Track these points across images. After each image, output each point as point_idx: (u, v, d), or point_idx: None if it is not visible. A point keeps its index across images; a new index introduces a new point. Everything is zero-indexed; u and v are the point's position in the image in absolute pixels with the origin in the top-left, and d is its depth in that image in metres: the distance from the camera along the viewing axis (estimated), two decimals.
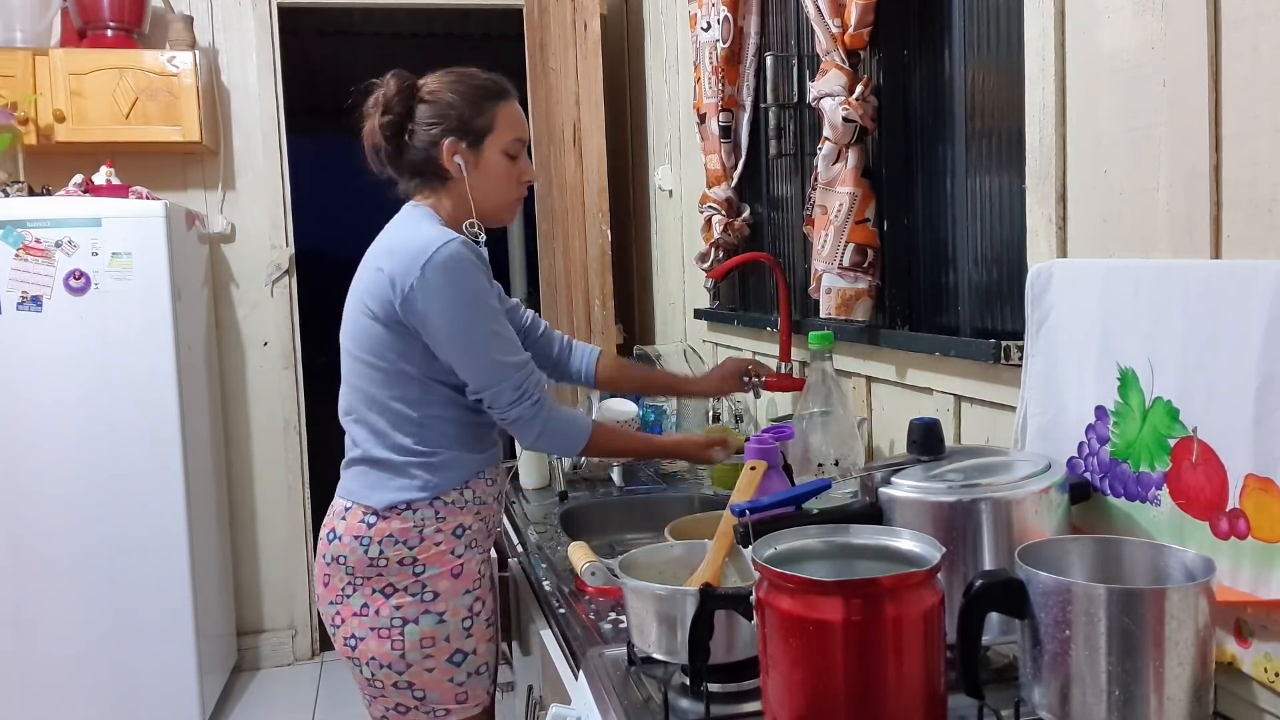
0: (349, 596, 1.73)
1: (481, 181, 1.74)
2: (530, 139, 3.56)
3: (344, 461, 1.81)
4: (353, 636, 1.74)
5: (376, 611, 1.72)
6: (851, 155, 1.83)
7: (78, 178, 3.33)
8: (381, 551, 1.70)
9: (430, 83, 1.74)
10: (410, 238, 1.67)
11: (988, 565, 1.14)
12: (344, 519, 1.74)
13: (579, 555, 1.71)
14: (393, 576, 1.71)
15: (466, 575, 1.75)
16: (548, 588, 1.72)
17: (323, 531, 1.78)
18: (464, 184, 1.73)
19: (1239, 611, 1.04)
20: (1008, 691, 1.06)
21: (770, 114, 2.28)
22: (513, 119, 1.77)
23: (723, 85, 2.45)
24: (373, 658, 1.73)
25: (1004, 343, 1.46)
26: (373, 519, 1.71)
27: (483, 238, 1.76)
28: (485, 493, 1.79)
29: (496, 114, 1.74)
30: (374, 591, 1.72)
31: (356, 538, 1.71)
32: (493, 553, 1.88)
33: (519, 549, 2.05)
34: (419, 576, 1.71)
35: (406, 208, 1.78)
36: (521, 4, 3.68)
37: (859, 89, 1.80)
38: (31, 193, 3.28)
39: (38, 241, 3.13)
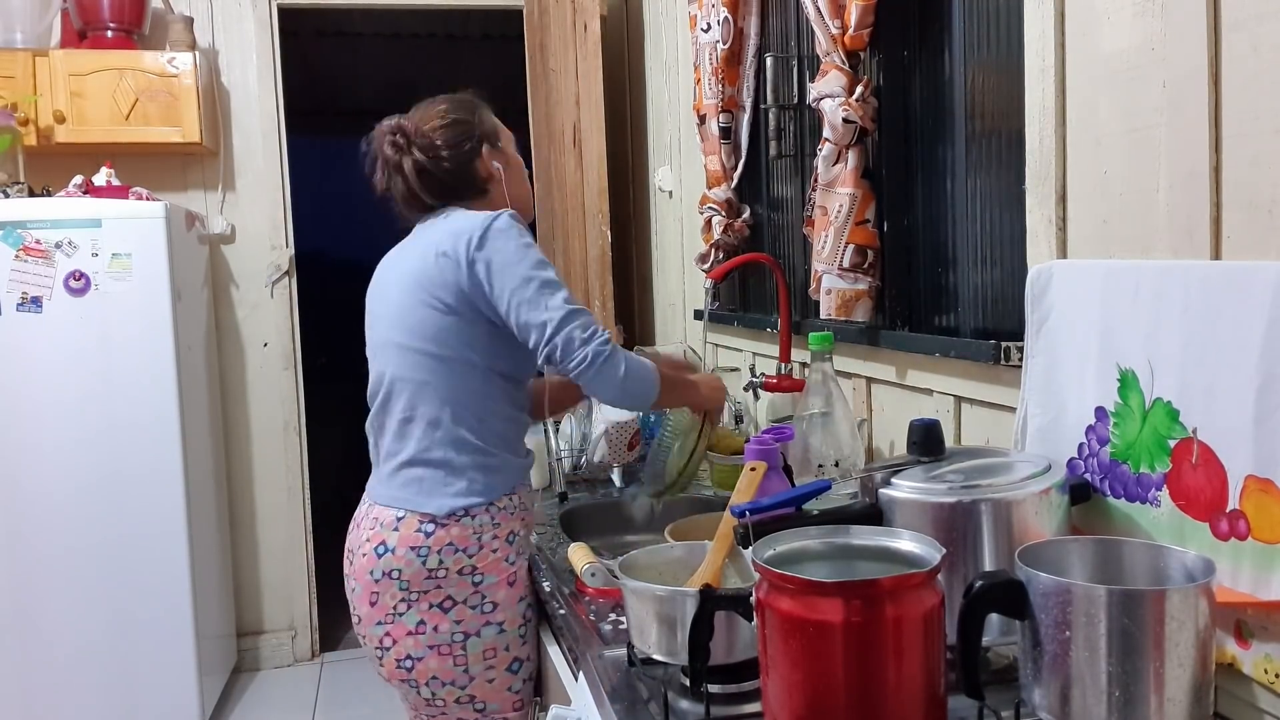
0: (402, 615, 1.67)
1: (514, 178, 1.82)
2: (531, 142, 3.58)
3: (388, 468, 1.72)
4: (408, 658, 1.68)
5: (435, 629, 1.67)
6: (851, 156, 1.83)
7: (78, 178, 3.34)
8: (441, 562, 1.66)
9: (429, 115, 1.77)
10: (465, 221, 1.68)
11: (988, 566, 1.14)
12: (396, 530, 1.67)
13: (579, 556, 1.71)
14: (451, 589, 1.67)
15: (519, 582, 1.74)
16: (548, 588, 1.72)
17: (364, 546, 1.70)
18: (502, 186, 1.79)
19: (1239, 612, 1.04)
20: (1008, 692, 1.06)
21: (770, 115, 2.28)
22: (498, 123, 1.85)
23: (723, 86, 2.45)
24: (434, 676, 1.68)
25: (1004, 343, 1.46)
26: (431, 527, 1.66)
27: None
28: (528, 499, 1.79)
29: (489, 118, 1.82)
30: (431, 607, 1.66)
31: (414, 548, 1.65)
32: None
33: None
34: (478, 587, 1.68)
35: (436, 213, 1.77)
36: (521, 5, 3.68)
37: (859, 90, 1.80)
38: (31, 193, 3.28)
39: (38, 242, 3.13)
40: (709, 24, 2.47)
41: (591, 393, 1.65)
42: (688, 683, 1.17)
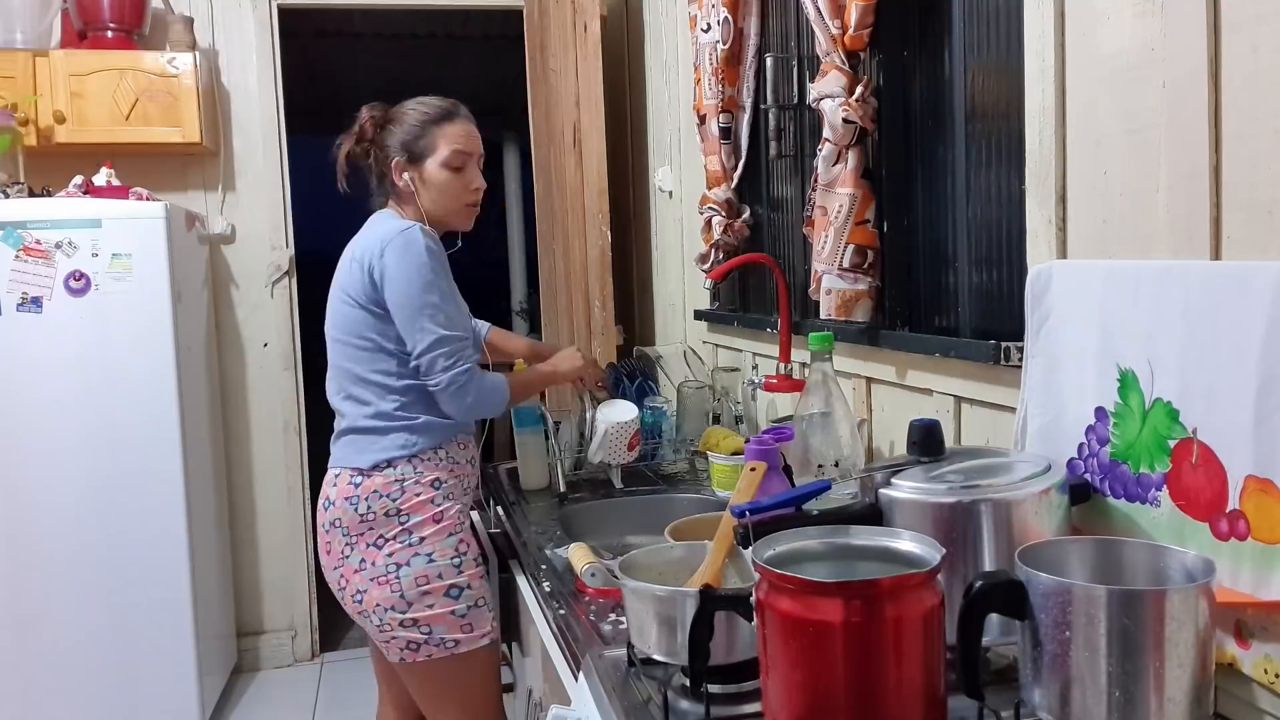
0: (347, 557, 1.94)
1: (427, 193, 2.02)
2: (531, 142, 3.58)
3: (333, 436, 2.02)
4: (358, 592, 1.93)
5: (372, 563, 1.92)
6: (851, 156, 1.83)
7: (78, 179, 3.33)
8: (370, 507, 1.92)
9: (393, 114, 2.04)
10: (376, 232, 1.95)
11: (988, 566, 1.14)
12: (335, 485, 1.96)
13: (579, 556, 1.71)
14: (381, 528, 1.92)
15: (448, 521, 1.95)
16: (548, 589, 1.72)
17: (319, 504, 1.99)
18: (416, 200, 2.01)
19: (1239, 613, 1.04)
20: (1008, 693, 1.06)
21: (770, 115, 2.28)
22: (455, 136, 2.01)
23: (723, 86, 2.45)
24: (378, 604, 1.91)
25: (1004, 344, 1.46)
26: (359, 478, 1.93)
27: (457, 244, 2.07)
28: (459, 454, 2.01)
29: (437, 135, 2.00)
30: (368, 545, 1.92)
31: (347, 498, 1.93)
32: (468, 509, 2.05)
33: (519, 550, 2.05)
34: (404, 525, 1.92)
35: (375, 214, 2.07)
36: (521, 5, 3.68)
37: (859, 90, 1.80)
38: (31, 194, 3.28)
39: (38, 242, 3.13)
40: (709, 24, 2.47)
41: (444, 409, 1.94)
42: (688, 683, 1.17)
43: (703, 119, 2.57)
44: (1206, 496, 1.07)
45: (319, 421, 4.16)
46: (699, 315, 2.95)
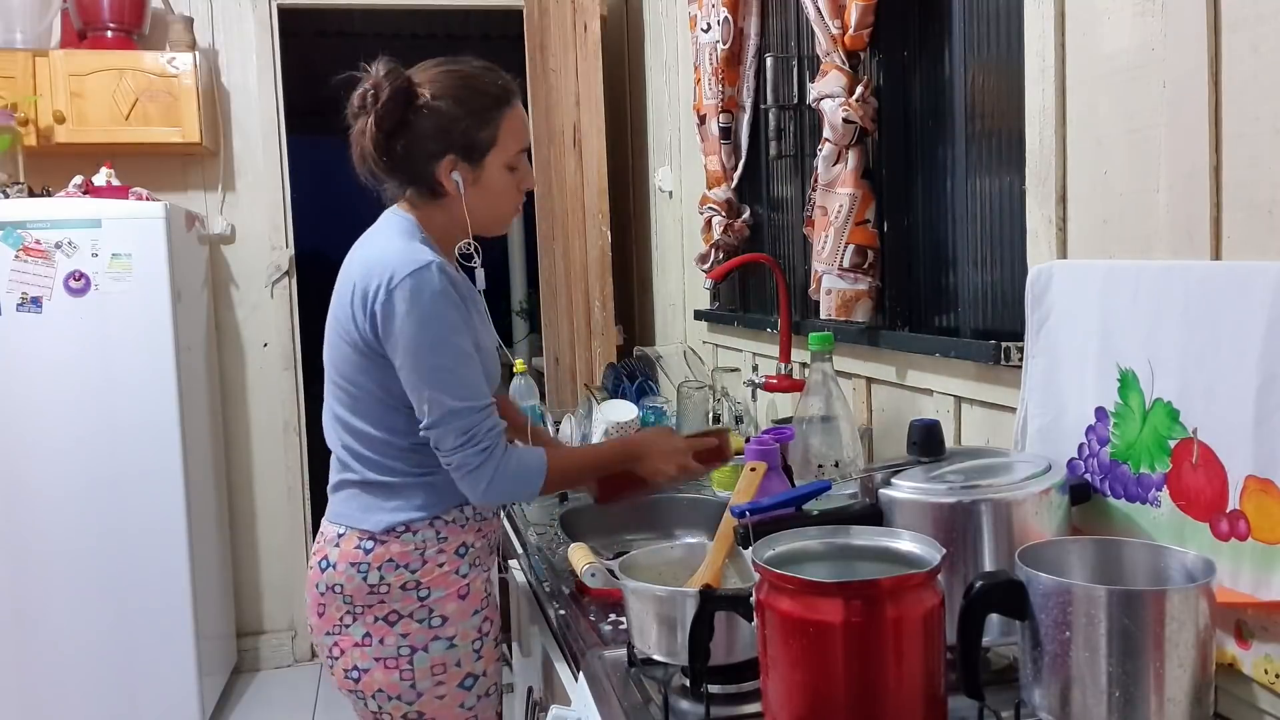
0: (348, 627, 1.63)
1: (479, 199, 1.62)
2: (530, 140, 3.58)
3: (331, 484, 1.69)
4: (355, 669, 1.64)
5: (381, 641, 1.61)
6: (851, 156, 1.83)
7: (78, 179, 3.33)
8: (382, 578, 1.60)
9: (428, 85, 1.57)
10: (383, 254, 1.56)
11: (988, 566, 1.14)
12: (337, 545, 1.62)
13: (579, 557, 1.71)
14: (395, 603, 1.60)
15: (474, 595, 1.65)
16: (548, 589, 1.72)
17: (314, 559, 1.67)
18: (460, 202, 1.60)
19: (1239, 613, 1.04)
20: (1008, 693, 1.06)
21: (770, 115, 2.28)
22: (517, 127, 1.64)
23: (723, 86, 2.45)
24: (380, 690, 1.63)
25: (1004, 344, 1.46)
26: (370, 544, 1.60)
27: (478, 260, 1.67)
28: (485, 508, 1.70)
29: (501, 124, 1.60)
30: (377, 620, 1.61)
31: (353, 564, 1.60)
32: (495, 571, 1.79)
33: (519, 550, 2.05)
34: (424, 601, 1.61)
35: (388, 215, 1.66)
36: (521, 5, 3.68)
37: (859, 90, 1.80)
38: (31, 194, 3.28)
39: (37, 242, 3.13)
40: (709, 24, 2.47)
41: (461, 490, 1.58)
42: (688, 683, 1.17)
43: (703, 119, 2.57)
44: (1207, 496, 1.07)
45: (319, 421, 4.17)
46: (699, 315, 2.95)
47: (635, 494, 1.81)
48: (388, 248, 1.57)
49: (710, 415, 2.51)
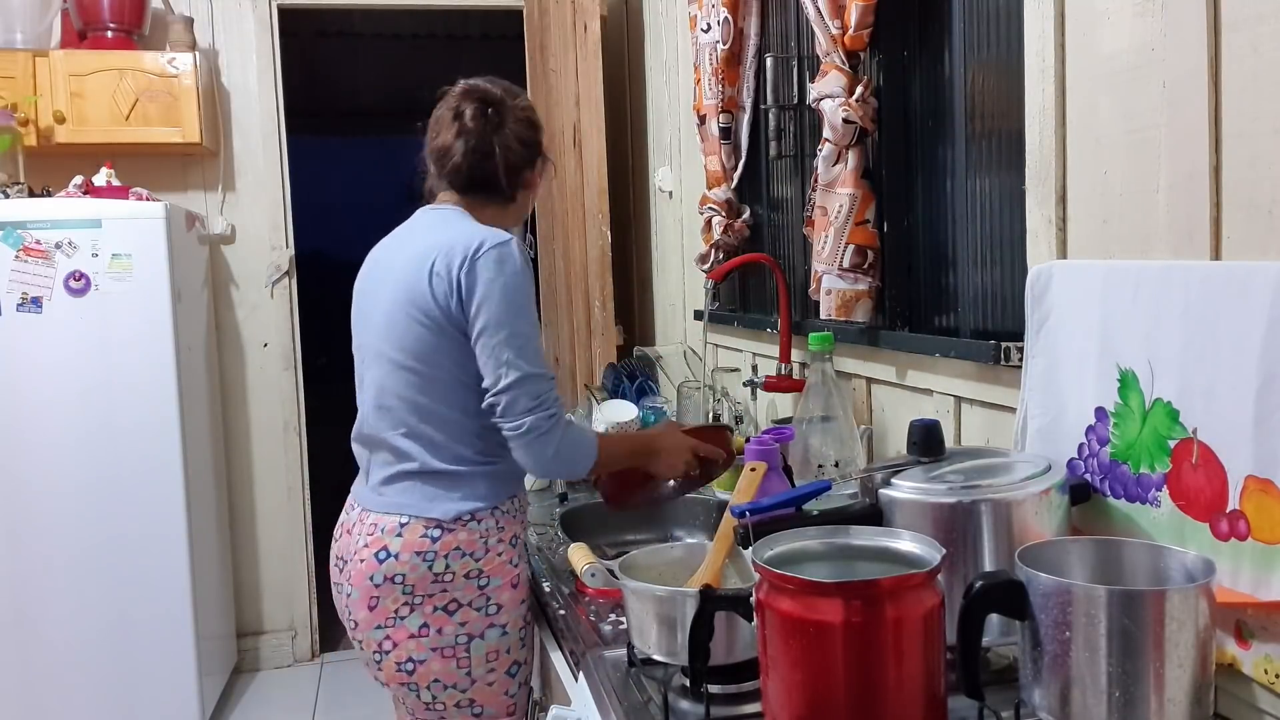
0: (404, 619, 1.64)
1: (529, 203, 1.84)
2: None
3: (380, 478, 1.70)
4: (409, 660, 1.65)
5: (439, 631, 1.64)
6: (851, 156, 1.83)
7: (78, 179, 3.33)
8: (448, 566, 1.63)
9: (519, 99, 1.78)
10: (463, 233, 1.64)
11: (988, 567, 1.14)
12: (400, 535, 1.63)
13: (579, 556, 1.71)
14: (457, 592, 1.64)
15: (523, 584, 1.71)
16: (548, 589, 1.72)
17: (362, 553, 1.66)
18: (521, 203, 1.80)
19: (1239, 613, 1.04)
20: (1008, 693, 1.06)
21: (770, 115, 2.28)
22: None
23: (723, 87, 2.45)
24: (436, 679, 1.65)
25: (1004, 344, 1.46)
26: (438, 532, 1.63)
27: (529, 249, 1.83)
28: (525, 502, 1.79)
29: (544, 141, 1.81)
30: (435, 610, 1.63)
31: (419, 553, 1.62)
32: None
33: None
34: (483, 590, 1.65)
35: (441, 210, 1.74)
36: (521, 5, 3.68)
37: (859, 90, 1.80)
38: (31, 194, 3.28)
39: (38, 243, 3.13)
40: (709, 24, 2.47)
41: (517, 458, 1.63)
42: (688, 683, 1.17)
43: (703, 119, 2.57)
44: (1206, 496, 1.07)
45: (318, 422, 4.17)
46: (699, 315, 2.94)
47: (644, 495, 1.86)
48: (464, 228, 1.66)
49: (710, 415, 2.51)
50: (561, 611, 1.60)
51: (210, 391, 3.72)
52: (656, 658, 1.24)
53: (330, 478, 4.59)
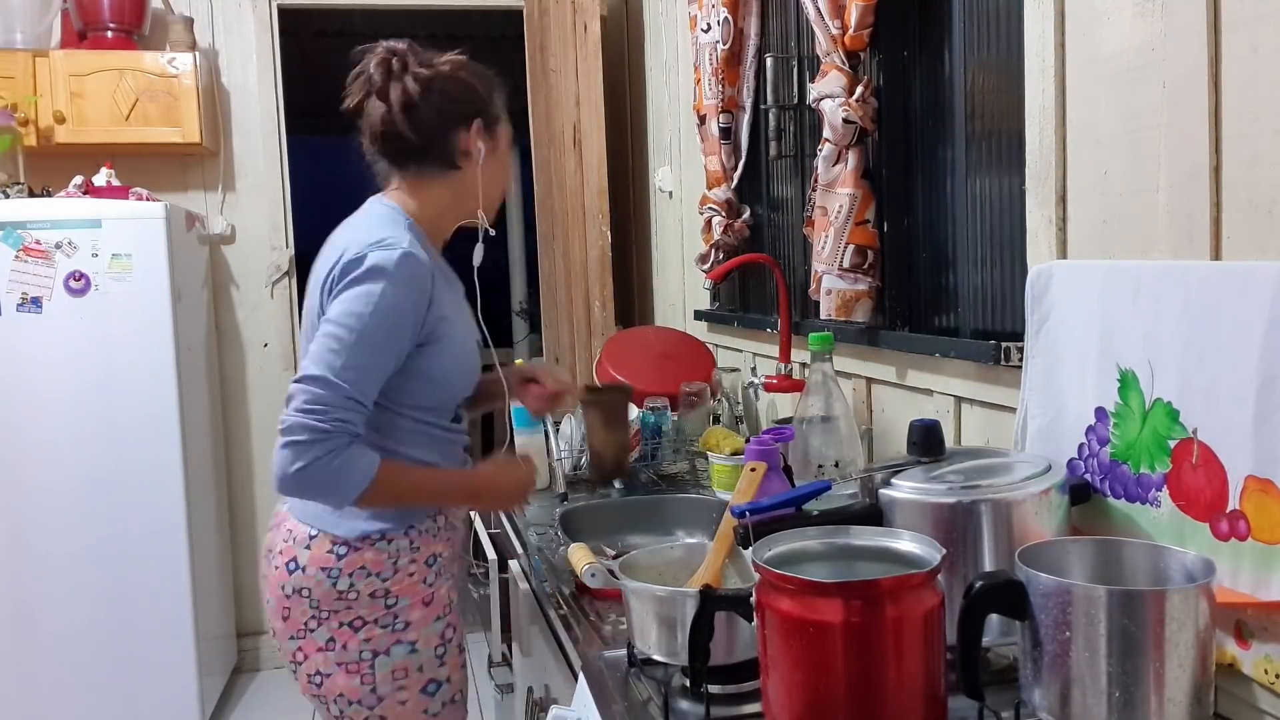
0: (312, 631, 1.60)
1: (493, 171, 1.65)
2: (531, 142, 3.57)
3: None
4: (318, 673, 1.61)
5: (344, 646, 1.59)
6: (851, 156, 1.83)
7: (78, 179, 3.33)
8: (352, 584, 1.57)
9: (441, 56, 1.62)
10: (359, 238, 1.53)
11: (988, 567, 1.14)
12: (308, 548, 1.58)
13: (579, 557, 1.71)
14: (362, 609, 1.58)
15: (437, 603, 1.64)
16: (548, 589, 1.72)
17: (277, 559, 1.61)
18: (476, 171, 1.62)
19: (1239, 613, 1.04)
20: (1008, 693, 1.06)
21: (770, 115, 2.28)
22: (505, 114, 1.69)
23: (723, 87, 2.45)
24: (340, 694, 1.60)
25: (1004, 344, 1.46)
26: (343, 549, 1.57)
27: (484, 231, 1.67)
28: (455, 517, 1.70)
29: (501, 102, 1.66)
30: (341, 625, 1.58)
31: (324, 569, 1.57)
32: (462, 579, 1.77)
33: (519, 550, 2.05)
34: (390, 608, 1.59)
35: (369, 204, 1.65)
36: (521, 5, 3.68)
37: (859, 90, 1.80)
38: (31, 194, 3.28)
39: (38, 243, 3.13)
40: (709, 24, 2.47)
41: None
42: (688, 683, 1.17)
43: (703, 119, 2.57)
44: (1206, 497, 1.07)
45: None
46: (699, 315, 2.95)
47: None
48: (362, 230, 1.55)
49: (710, 415, 2.51)
50: (561, 611, 1.60)
51: (210, 392, 3.72)
52: (656, 658, 1.24)
53: None
